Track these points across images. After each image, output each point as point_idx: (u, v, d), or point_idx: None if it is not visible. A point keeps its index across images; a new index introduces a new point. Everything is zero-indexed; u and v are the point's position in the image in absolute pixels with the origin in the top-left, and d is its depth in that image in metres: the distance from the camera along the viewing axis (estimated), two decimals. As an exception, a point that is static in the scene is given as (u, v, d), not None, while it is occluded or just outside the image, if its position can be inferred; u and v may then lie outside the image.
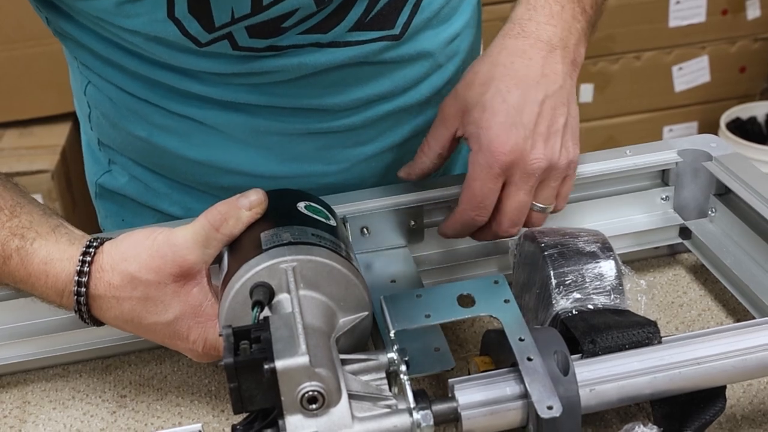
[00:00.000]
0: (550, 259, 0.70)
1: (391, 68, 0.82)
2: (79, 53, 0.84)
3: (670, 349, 0.63)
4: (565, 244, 0.71)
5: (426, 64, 0.83)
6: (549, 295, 0.68)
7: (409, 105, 0.85)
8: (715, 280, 0.82)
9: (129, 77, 0.81)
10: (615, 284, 0.68)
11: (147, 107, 0.83)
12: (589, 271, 0.69)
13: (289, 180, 0.84)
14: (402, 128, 0.86)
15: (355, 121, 0.83)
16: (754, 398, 0.71)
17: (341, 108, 0.82)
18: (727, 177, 0.81)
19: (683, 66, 2.32)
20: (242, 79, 0.79)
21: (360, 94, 0.82)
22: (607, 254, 0.70)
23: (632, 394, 0.62)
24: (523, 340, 0.60)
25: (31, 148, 1.95)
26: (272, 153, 0.84)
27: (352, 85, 0.81)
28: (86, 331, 0.78)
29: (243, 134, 0.83)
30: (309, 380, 0.55)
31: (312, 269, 0.62)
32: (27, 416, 0.75)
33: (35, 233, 0.67)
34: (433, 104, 0.85)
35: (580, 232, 0.73)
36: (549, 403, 0.56)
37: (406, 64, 0.82)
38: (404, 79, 0.83)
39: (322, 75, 0.79)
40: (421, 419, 0.57)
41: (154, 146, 0.86)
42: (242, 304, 0.62)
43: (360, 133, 0.84)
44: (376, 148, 0.86)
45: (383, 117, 0.84)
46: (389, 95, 0.83)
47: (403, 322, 0.62)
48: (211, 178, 0.87)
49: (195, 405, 0.75)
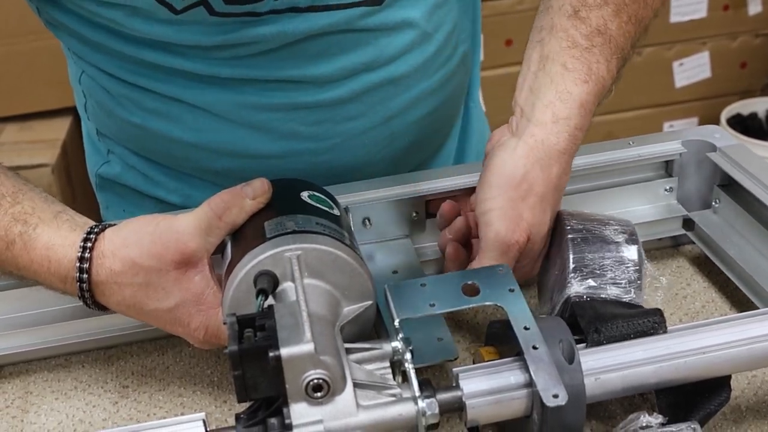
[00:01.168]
0: (572, 243, 0.69)
1: (375, 36, 0.80)
2: (70, 42, 0.84)
3: (675, 338, 0.62)
4: (591, 230, 0.71)
5: (411, 33, 0.82)
6: (565, 278, 0.68)
7: (396, 77, 0.83)
8: (719, 272, 0.82)
9: (117, 60, 0.81)
10: (633, 278, 0.67)
11: (137, 92, 0.83)
12: (609, 261, 0.68)
13: (282, 159, 0.84)
14: (391, 102, 0.85)
15: (341, 94, 0.82)
16: (759, 389, 0.71)
17: (326, 79, 0.81)
18: (731, 168, 0.81)
19: (684, 62, 2.32)
20: (224, 51, 0.78)
21: (344, 63, 0.81)
22: (631, 246, 0.69)
23: (637, 384, 0.61)
24: (528, 329, 0.60)
25: (31, 143, 1.94)
26: (261, 131, 0.83)
27: (335, 54, 0.80)
28: (88, 321, 0.78)
29: (230, 112, 0.82)
30: (314, 368, 0.54)
31: (316, 258, 0.62)
32: (29, 406, 0.75)
33: (38, 219, 0.67)
34: (422, 78, 0.84)
35: (610, 220, 0.72)
36: (554, 392, 0.56)
37: (390, 32, 0.81)
38: (389, 48, 0.82)
39: (303, 44, 0.79)
40: (426, 407, 0.57)
41: (147, 132, 0.86)
42: (246, 292, 0.62)
43: (348, 108, 0.83)
44: (366, 123, 0.85)
45: (370, 89, 0.83)
46: (374, 65, 0.82)
47: (407, 311, 0.62)
48: (205, 162, 0.86)
49: (197, 395, 0.75)
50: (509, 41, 2.12)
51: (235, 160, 0.85)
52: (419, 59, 0.84)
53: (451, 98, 0.92)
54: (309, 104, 0.82)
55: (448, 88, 0.89)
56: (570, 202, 0.82)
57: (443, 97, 0.89)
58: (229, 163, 0.85)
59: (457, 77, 0.91)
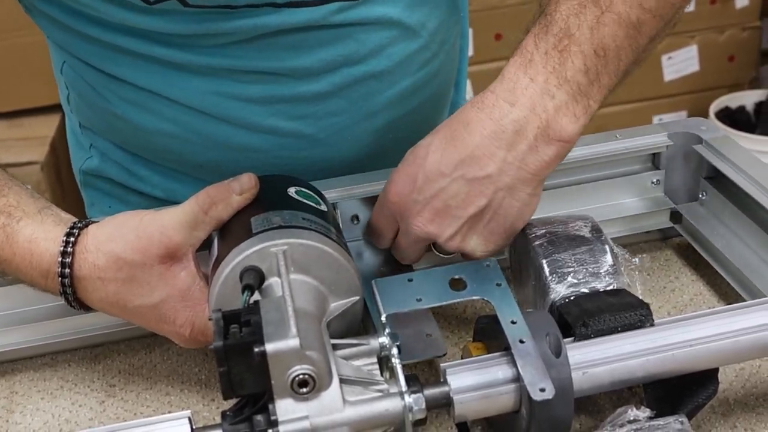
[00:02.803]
0: (540, 249, 0.69)
1: (353, 31, 0.80)
2: (50, 30, 0.83)
3: (663, 331, 0.62)
4: (554, 232, 0.71)
5: (392, 28, 0.81)
6: (544, 284, 0.68)
7: (378, 72, 0.82)
8: (706, 264, 0.82)
9: (96, 48, 0.80)
10: (608, 265, 0.68)
11: (116, 83, 0.82)
12: (581, 255, 0.69)
13: (264, 153, 0.83)
14: (374, 98, 0.84)
15: (321, 88, 0.81)
16: (746, 382, 0.71)
17: (304, 72, 0.80)
18: (718, 160, 0.81)
19: (672, 55, 2.32)
20: (200, 40, 0.78)
21: (322, 56, 0.80)
22: (597, 236, 0.70)
23: (625, 377, 0.61)
24: (516, 323, 0.60)
25: (20, 140, 1.94)
26: (240, 124, 0.82)
27: (312, 47, 0.79)
28: (74, 320, 0.77)
29: (209, 104, 0.81)
30: (299, 363, 0.54)
31: (303, 253, 0.62)
32: (14, 406, 0.75)
33: (22, 212, 0.66)
34: (405, 73, 0.84)
35: (568, 219, 0.73)
36: (541, 386, 0.56)
37: (368, 27, 0.80)
38: (368, 42, 0.81)
39: (280, 36, 0.78)
40: (413, 403, 0.56)
41: (128, 123, 0.85)
42: (232, 288, 0.62)
43: (329, 103, 0.83)
44: (348, 119, 0.84)
45: (351, 84, 0.82)
46: (353, 59, 0.81)
47: (394, 306, 0.62)
48: (186, 155, 0.86)
49: (185, 393, 0.75)
50: (498, 35, 2.12)
51: (217, 153, 0.84)
52: (401, 54, 0.83)
53: (437, 94, 0.91)
54: (288, 97, 0.82)
55: (433, 85, 0.88)
56: (556, 196, 0.82)
57: (429, 93, 0.88)
58: (211, 156, 0.85)
59: (443, 73, 0.90)
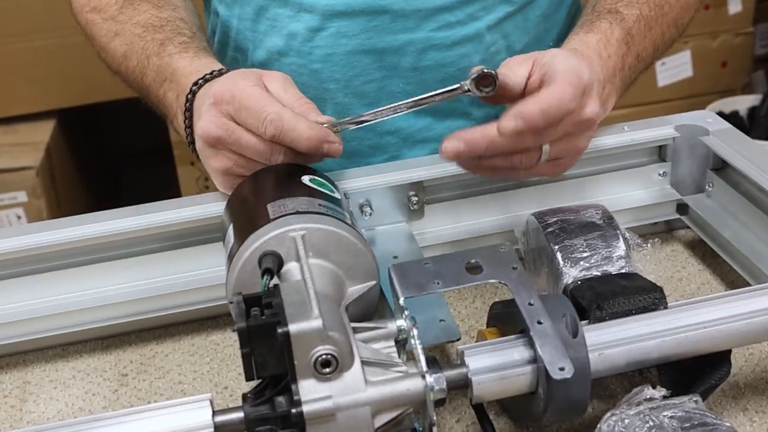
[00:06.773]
0: (552, 236, 0.70)
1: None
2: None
3: (676, 313, 0.63)
4: (565, 219, 0.72)
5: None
6: (557, 269, 0.69)
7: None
8: (713, 255, 0.83)
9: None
10: (621, 250, 0.68)
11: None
12: (593, 241, 0.69)
13: None
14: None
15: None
16: (756, 366, 0.72)
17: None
18: (724, 151, 0.82)
19: (666, 61, 2.33)
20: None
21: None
22: (608, 222, 0.71)
23: (640, 358, 0.62)
24: (533, 305, 0.60)
25: (15, 145, 1.94)
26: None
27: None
28: (86, 312, 0.77)
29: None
30: (322, 344, 0.55)
31: (321, 237, 0.62)
32: (27, 396, 0.75)
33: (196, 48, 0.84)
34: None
35: (579, 207, 0.74)
36: (561, 365, 0.57)
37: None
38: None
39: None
40: (434, 382, 0.57)
41: None
42: (251, 274, 0.62)
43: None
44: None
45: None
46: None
47: (412, 290, 0.62)
48: None
49: (197, 382, 0.75)
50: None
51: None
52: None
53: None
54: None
55: None
56: (564, 187, 0.83)
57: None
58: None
59: None
